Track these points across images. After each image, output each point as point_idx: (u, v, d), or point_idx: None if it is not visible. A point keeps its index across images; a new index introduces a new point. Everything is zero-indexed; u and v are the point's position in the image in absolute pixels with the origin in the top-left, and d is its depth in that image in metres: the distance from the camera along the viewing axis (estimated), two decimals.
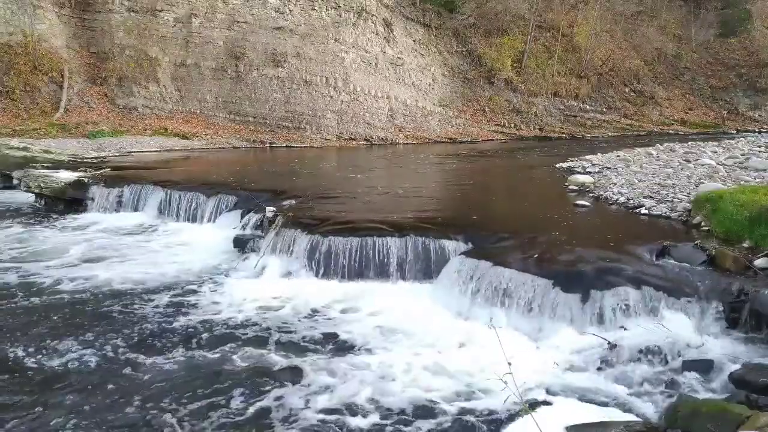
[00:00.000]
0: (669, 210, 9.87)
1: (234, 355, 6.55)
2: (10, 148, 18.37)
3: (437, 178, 17.65)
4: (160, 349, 6.67)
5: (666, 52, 44.83)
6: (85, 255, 10.41)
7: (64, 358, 6.40)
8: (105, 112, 26.40)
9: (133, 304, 8.08)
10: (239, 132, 27.96)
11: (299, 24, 29.76)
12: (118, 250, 10.76)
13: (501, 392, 5.60)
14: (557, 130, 37.00)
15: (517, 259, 7.79)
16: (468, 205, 11.75)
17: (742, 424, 4.30)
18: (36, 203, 14.65)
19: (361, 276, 8.78)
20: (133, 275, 9.29)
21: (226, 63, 28.66)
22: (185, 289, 8.70)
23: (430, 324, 7.27)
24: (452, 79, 35.69)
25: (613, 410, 5.30)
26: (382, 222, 9.56)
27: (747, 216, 7.77)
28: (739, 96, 44.17)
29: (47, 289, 8.63)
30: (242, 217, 11.33)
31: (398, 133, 31.16)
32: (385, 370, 6.19)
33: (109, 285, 8.86)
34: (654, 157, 17.31)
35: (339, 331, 7.23)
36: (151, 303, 8.15)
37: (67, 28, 27.36)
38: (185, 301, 8.21)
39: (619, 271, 7.16)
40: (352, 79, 30.28)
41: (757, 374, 5.26)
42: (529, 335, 6.84)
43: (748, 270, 6.94)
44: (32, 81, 25.20)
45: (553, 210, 10.99)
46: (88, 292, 8.55)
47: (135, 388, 5.80)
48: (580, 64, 39.58)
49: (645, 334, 6.33)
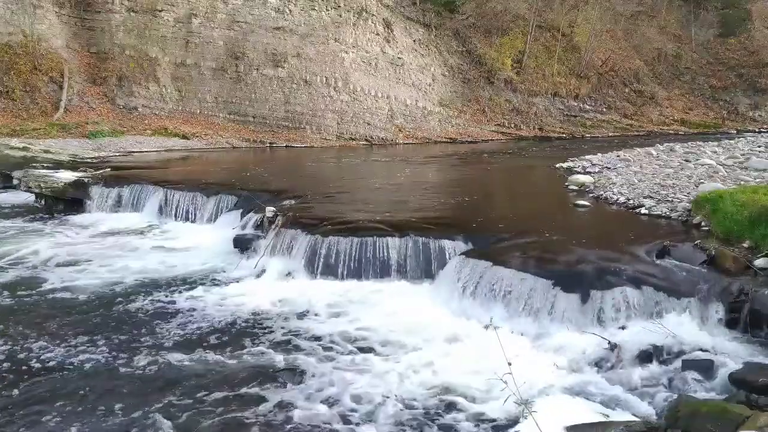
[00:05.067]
0: (669, 210, 9.87)
1: (234, 355, 6.55)
2: (10, 148, 18.38)
3: (437, 178, 17.64)
4: (159, 350, 6.66)
5: (666, 52, 44.81)
6: (85, 255, 10.40)
7: (61, 358, 6.40)
8: (105, 112, 26.39)
9: (132, 304, 8.08)
10: (239, 132, 27.95)
11: (299, 24, 29.75)
12: (117, 250, 10.75)
13: (501, 392, 5.62)
14: (557, 130, 36.98)
15: (517, 259, 7.79)
16: (468, 205, 11.75)
17: (742, 424, 4.30)
18: (36, 203, 14.64)
19: (361, 276, 8.78)
20: (133, 275, 9.29)
21: (226, 63, 28.65)
22: (185, 289, 8.69)
23: (429, 324, 7.26)
24: (452, 79, 35.68)
25: (613, 410, 5.30)
26: (381, 222, 9.56)
27: (747, 216, 7.78)
28: (739, 96, 44.14)
29: (47, 289, 8.62)
30: (242, 217, 11.32)
31: (398, 133, 31.16)
32: (385, 370, 6.19)
33: (109, 285, 8.86)
34: (654, 157, 17.31)
35: (339, 331, 7.22)
36: (150, 303, 8.14)
37: (67, 28, 27.35)
38: (185, 302, 8.20)
39: (619, 271, 7.17)
40: (352, 79, 30.27)
41: (757, 374, 5.27)
42: (529, 335, 6.84)
43: (748, 270, 6.94)
44: (32, 81, 25.19)
45: (553, 210, 11.00)
46: (87, 292, 8.54)
47: (133, 388, 5.80)
48: (580, 64, 39.56)
49: (645, 334, 6.33)
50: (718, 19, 46.90)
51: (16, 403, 5.47)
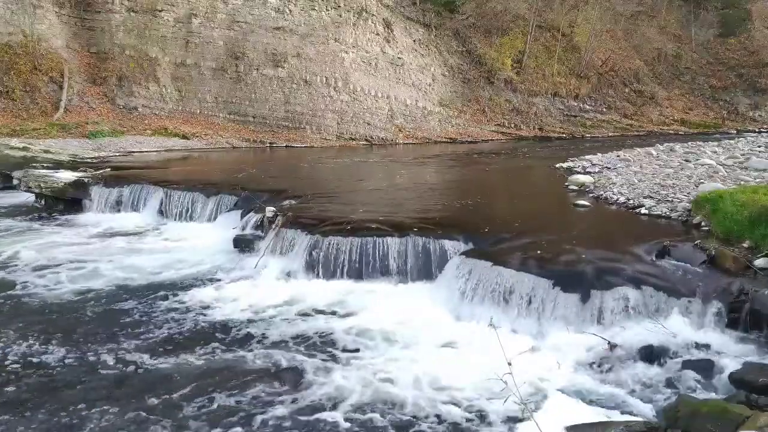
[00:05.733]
0: (669, 210, 9.87)
1: (233, 355, 6.55)
2: (10, 148, 18.37)
3: (437, 178, 17.64)
4: (158, 349, 6.67)
5: (666, 52, 44.81)
6: (84, 254, 10.39)
7: (60, 357, 6.40)
8: (105, 112, 26.38)
9: (131, 305, 8.08)
10: (239, 132, 27.95)
11: (299, 24, 29.75)
12: (117, 250, 10.75)
13: (501, 392, 5.63)
14: (557, 130, 36.98)
15: (517, 259, 7.79)
16: (468, 205, 11.74)
17: (742, 424, 4.30)
18: (36, 203, 14.64)
19: (362, 276, 8.77)
20: (132, 275, 9.29)
21: (226, 63, 28.65)
22: (184, 289, 8.69)
23: (430, 324, 7.26)
24: (452, 79, 35.67)
25: (613, 410, 5.31)
26: (381, 222, 9.56)
27: (747, 216, 7.78)
28: (739, 96, 44.14)
29: (46, 289, 8.62)
30: (242, 217, 11.32)
31: (398, 133, 31.15)
32: (386, 370, 6.19)
33: (108, 285, 8.86)
34: (654, 157, 17.31)
35: (339, 331, 7.22)
36: (149, 303, 8.14)
37: (67, 28, 27.34)
38: (184, 301, 8.20)
39: (619, 271, 7.17)
40: (352, 79, 30.27)
41: (757, 374, 5.27)
42: (530, 335, 6.84)
43: (748, 270, 6.94)
44: (32, 81, 25.19)
45: (553, 210, 10.99)
46: (86, 291, 8.55)
47: (131, 387, 5.80)
48: (580, 64, 39.55)
49: (645, 334, 6.34)
50: (718, 19, 46.89)
51: (15, 401, 5.47)
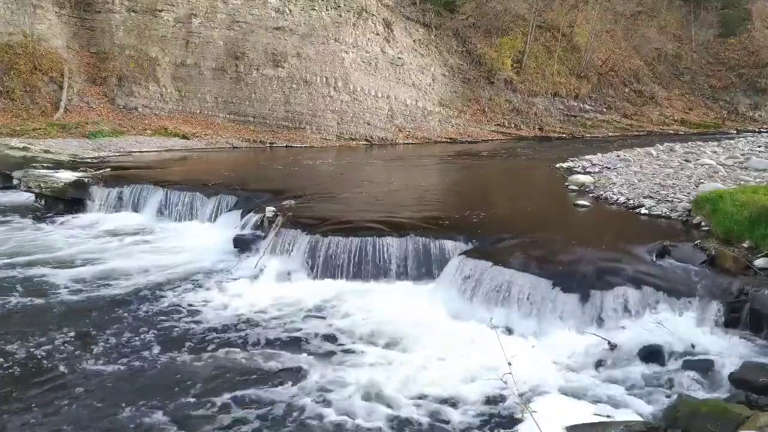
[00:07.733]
0: (669, 210, 9.87)
1: (233, 355, 6.55)
2: (10, 148, 18.35)
3: (437, 178, 17.64)
4: (158, 349, 6.66)
5: (666, 52, 44.82)
6: (84, 255, 10.39)
7: (61, 358, 6.40)
8: (105, 112, 26.37)
9: (131, 305, 8.08)
10: (239, 132, 27.94)
11: (299, 24, 29.74)
12: (117, 250, 10.75)
13: (501, 392, 5.64)
14: (557, 130, 36.98)
15: (517, 259, 7.79)
16: (468, 205, 11.74)
17: (742, 424, 4.30)
18: (36, 203, 14.64)
19: (361, 276, 8.77)
20: (132, 275, 9.29)
21: (226, 63, 28.64)
22: (184, 289, 8.69)
23: (429, 324, 7.25)
24: (452, 79, 35.66)
25: (613, 410, 5.30)
26: (381, 222, 9.56)
27: (747, 216, 7.78)
28: (739, 96, 44.15)
29: (46, 290, 8.62)
30: (242, 217, 11.32)
31: (398, 133, 31.15)
32: (386, 370, 6.19)
33: (107, 285, 8.86)
34: (654, 157, 17.31)
35: (339, 331, 7.23)
36: (149, 303, 8.14)
37: (67, 28, 27.33)
38: (184, 301, 8.20)
39: (619, 271, 7.17)
40: (352, 79, 30.26)
41: (757, 374, 5.27)
42: (530, 335, 6.84)
43: (748, 270, 6.95)
44: (32, 81, 25.17)
45: (553, 210, 10.99)
46: (85, 292, 8.55)
47: (131, 387, 5.80)
48: (580, 64, 39.55)
49: (645, 334, 6.34)
50: (718, 19, 46.89)
51: (16, 401, 5.47)
